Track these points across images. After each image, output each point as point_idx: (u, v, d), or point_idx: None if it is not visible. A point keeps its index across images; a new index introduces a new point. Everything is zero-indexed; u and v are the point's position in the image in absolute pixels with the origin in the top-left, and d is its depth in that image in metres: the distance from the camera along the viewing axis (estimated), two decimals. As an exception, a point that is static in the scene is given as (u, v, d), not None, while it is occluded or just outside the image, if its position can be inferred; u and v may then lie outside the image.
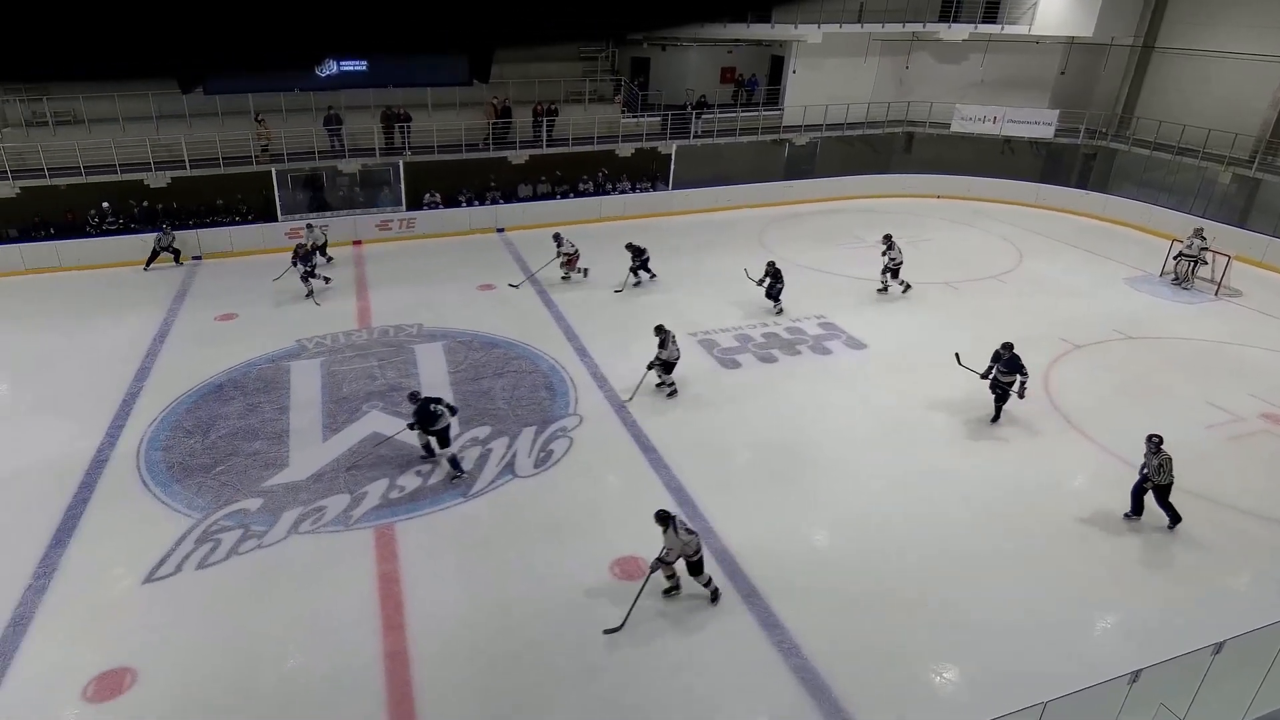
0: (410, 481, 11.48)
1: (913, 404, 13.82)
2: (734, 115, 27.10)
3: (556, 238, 19.53)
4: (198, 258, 21.48)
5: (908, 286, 19.07)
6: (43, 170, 20.58)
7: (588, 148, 25.22)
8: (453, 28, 1.50)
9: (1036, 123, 27.38)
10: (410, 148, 23.47)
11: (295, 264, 18.38)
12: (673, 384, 13.90)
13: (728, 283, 19.34)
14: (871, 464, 12.06)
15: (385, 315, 17.65)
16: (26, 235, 21.00)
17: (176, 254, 20.73)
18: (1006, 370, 12.68)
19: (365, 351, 15.79)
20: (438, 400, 11.47)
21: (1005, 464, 12.10)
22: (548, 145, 24.83)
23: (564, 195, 25.59)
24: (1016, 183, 27.92)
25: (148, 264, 20.38)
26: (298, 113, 23.48)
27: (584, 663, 8.40)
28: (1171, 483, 10.19)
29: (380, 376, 14.71)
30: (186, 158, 21.54)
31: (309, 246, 19.08)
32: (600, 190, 26.01)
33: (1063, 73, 28.34)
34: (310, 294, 18.27)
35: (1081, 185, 27.85)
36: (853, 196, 28.04)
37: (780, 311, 17.62)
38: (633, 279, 19.21)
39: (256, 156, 22.27)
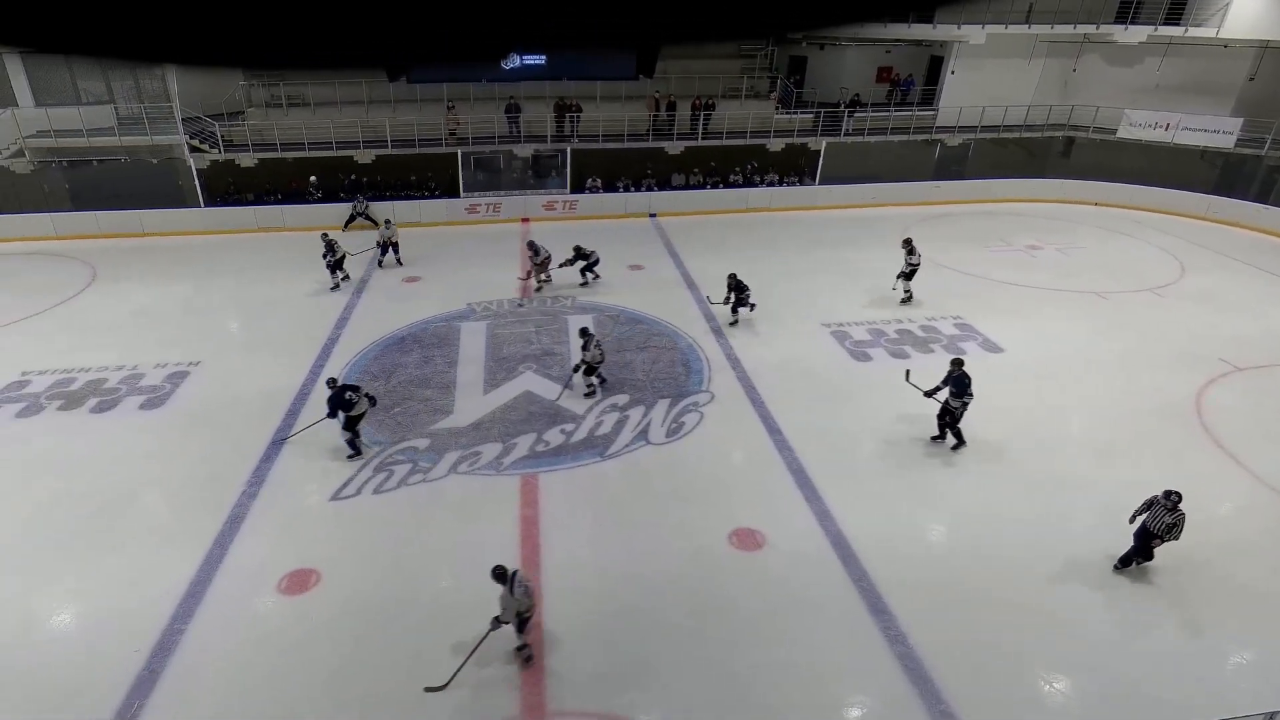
0: (555, 438, 11.92)
1: (1049, 411, 12.81)
2: (887, 114, 25.84)
3: (531, 245, 18.08)
4: (389, 221, 23.09)
5: (909, 296, 17.28)
6: (276, 145, 22.83)
7: (740, 141, 24.93)
8: (625, 26, 1.53)
9: (1216, 131, 24.23)
10: (578, 136, 24.11)
11: (381, 251, 19.46)
12: (592, 386, 13.21)
13: (866, 277, 18.62)
14: (998, 466, 11.31)
15: (546, 287, 18.30)
16: (259, 199, 23.37)
17: (374, 220, 22.42)
18: (956, 391, 11.29)
19: (525, 319, 16.47)
20: (355, 388, 11.13)
21: (1146, 481, 10.90)
22: (703, 138, 24.75)
23: (714, 186, 25.42)
24: (1184, 193, 24.88)
25: (345, 225, 22.19)
26: (483, 101, 24.63)
27: (697, 624, 8.47)
28: (1176, 540, 8.71)
29: (536, 342, 15.31)
30: (389, 138, 23.19)
31: (384, 240, 19.51)
32: (749, 182, 25.63)
33: (1251, 79, 24.93)
34: (336, 286, 18.06)
35: (1262, 199, 24.47)
36: (1003, 200, 26.11)
37: (734, 323, 15.98)
38: (580, 279, 18.26)
39: (446, 140, 23.63)
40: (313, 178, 23.38)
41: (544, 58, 23.60)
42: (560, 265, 18.07)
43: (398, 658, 8.00)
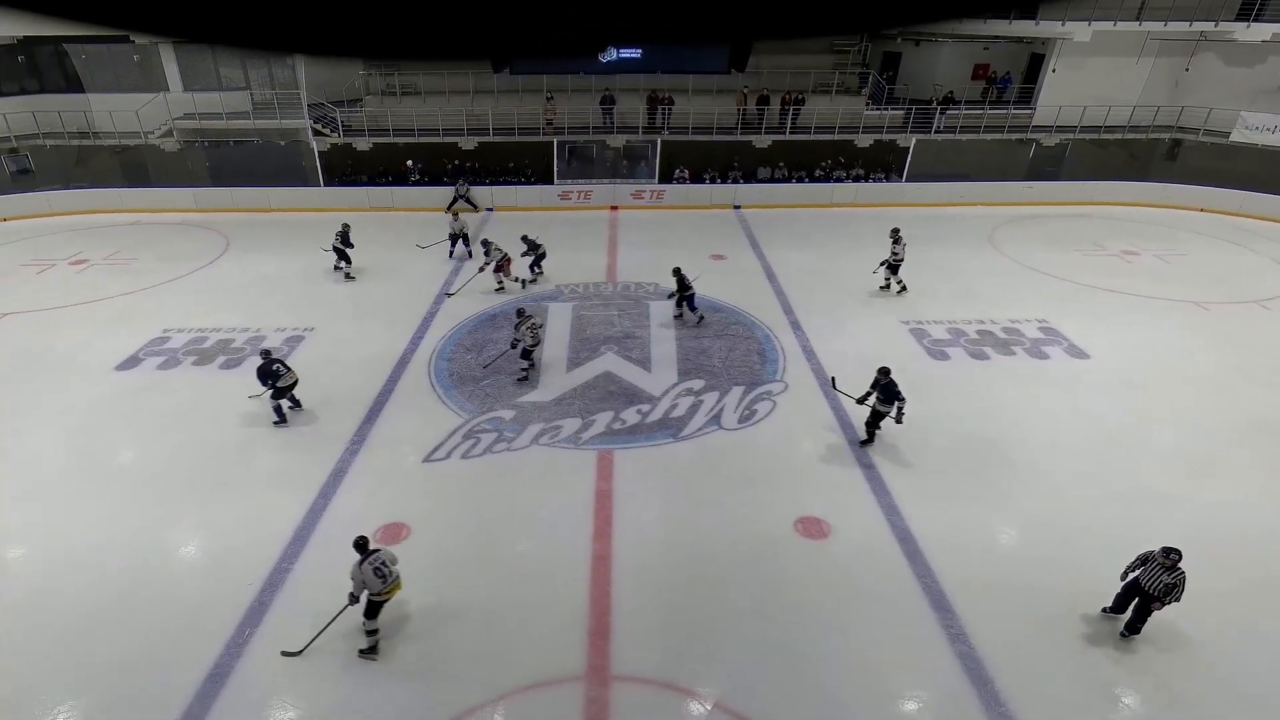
0: (631, 417, 12.02)
1: (1136, 421, 12.00)
2: (980, 112, 24.59)
3: (485, 244, 17.29)
4: (490, 209, 23.73)
5: (904, 288, 16.83)
6: (389, 130, 23.71)
7: (828, 136, 24.27)
8: (722, 22, 1.51)
9: (1347, 137, 21.99)
10: (669, 128, 24.01)
11: (451, 243, 19.41)
12: (524, 370, 13.04)
13: (948, 276, 17.90)
14: (1075, 474, 10.69)
15: (629, 272, 18.40)
16: (372, 180, 24.37)
17: (474, 204, 23.02)
18: (884, 399, 10.73)
19: (608, 302, 16.61)
20: (282, 361, 11.63)
21: (1239, 502, 10.09)
22: (791, 132, 24.23)
23: (800, 180, 24.87)
24: (1305, 202, 22.76)
25: (448, 208, 22.83)
26: (580, 93, 24.83)
27: (759, 604, 8.41)
28: (1177, 601, 7.51)
29: (618, 324, 15.43)
30: (491, 126, 23.71)
31: (456, 233, 19.52)
32: (835, 177, 24.93)
33: (1386, 81, 22.45)
34: (347, 276, 17.92)
35: (1396, 213, 22.06)
36: (1099, 202, 24.50)
37: (679, 316, 15.48)
38: (528, 275, 17.54)
39: (543, 129, 23.97)
40: (409, 162, 24.20)
41: (640, 52, 23.59)
42: (522, 254, 17.47)
43: (475, 612, 8.29)
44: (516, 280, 17.35)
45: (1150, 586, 7.53)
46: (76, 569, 8.85)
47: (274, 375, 11.38)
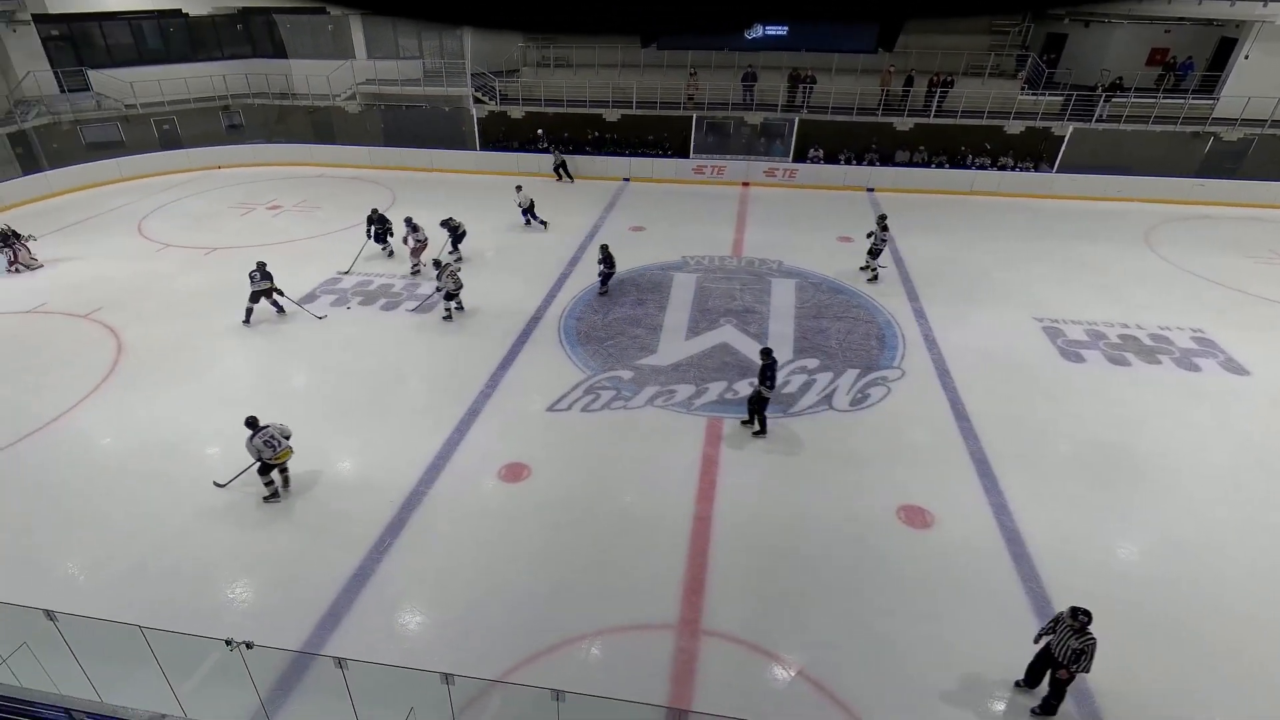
0: (744, 389, 11.92)
1: (1295, 449, 10.55)
2: (1152, 101, 21.85)
3: (408, 222, 16.54)
4: (627, 180, 23.95)
5: (875, 275, 16.00)
6: (540, 100, 24.35)
7: (975, 121, 22.48)
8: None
9: None
10: (808, 106, 23.13)
11: (528, 219, 19.24)
12: (449, 310, 14.07)
13: (1093, 274, 16.33)
14: (1218, 496, 9.56)
15: (754, 248, 18.07)
16: (523, 147, 25.18)
17: (569, 175, 23.58)
18: (769, 384, 10.47)
19: (731, 276, 16.43)
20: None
21: None
22: (935, 115, 22.65)
23: (940, 165, 23.29)
24: None
25: (559, 177, 23.52)
26: (723, 69, 24.36)
27: (852, 582, 8.21)
28: (1086, 671, 6.36)
29: (739, 299, 15.25)
30: (634, 99, 23.79)
31: (524, 205, 19.34)
32: (977, 165, 23.13)
33: None
34: (390, 252, 17.46)
35: None
36: (1284, 206, 21.36)
37: (605, 292, 15.16)
38: (454, 269, 15.71)
39: (684, 103, 23.76)
40: (540, 130, 24.81)
41: (786, 29, 22.75)
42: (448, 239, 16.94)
43: (584, 552, 8.63)
44: (423, 267, 16.33)
45: (1059, 653, 6.39)
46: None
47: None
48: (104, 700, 5.30)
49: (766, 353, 10.60)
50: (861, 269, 16.39)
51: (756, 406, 10.70)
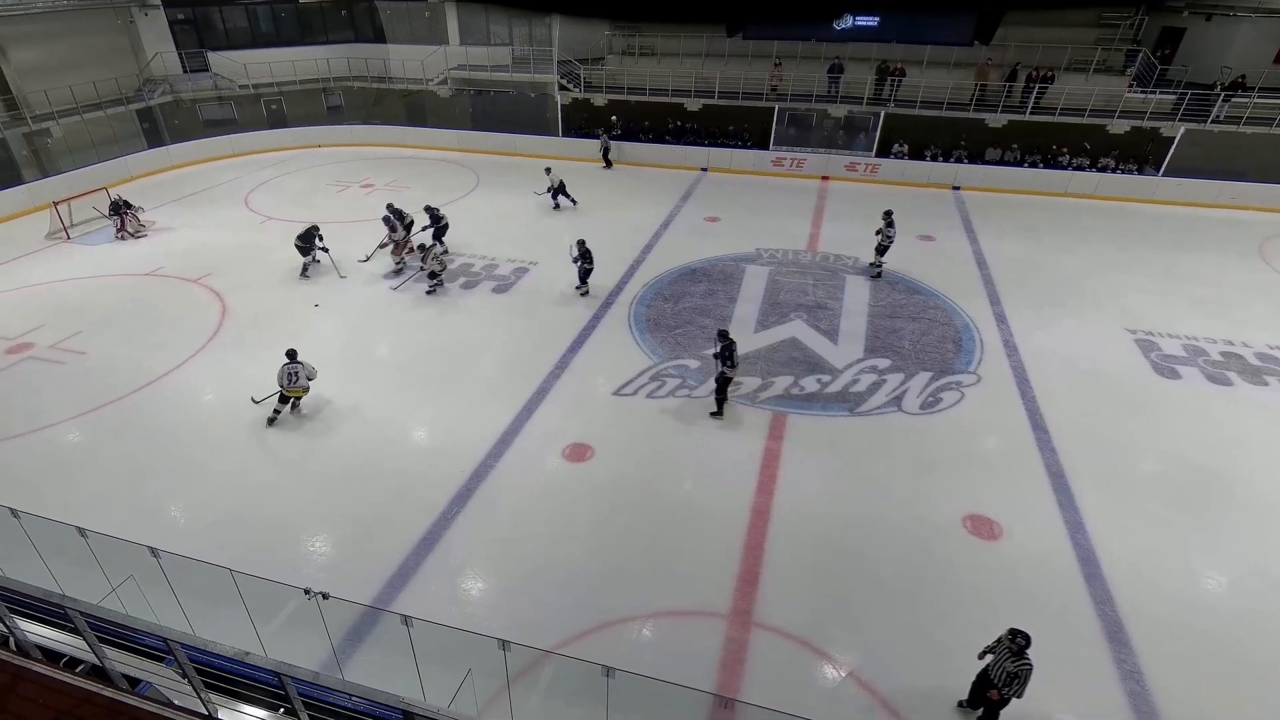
0: (810, 385, 11.70)
1: None
2: (1278, 102, 19.99)
3: (388, 221, 16.11)
4: (704, 169, 23.75)
5: (879, 274, 15.59)
6: (623, 88, 24.39)
7: (1075, 119, 21.15)
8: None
9: None
10: (895, 100, 22.30)
11: (554, 197, 19.51)
12: (432, 286, 14.62)
13: (1196, 285, 15.18)
14: (1321, 533, 8.79)
15: (830, 244, 17.64)
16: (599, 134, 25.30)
17: (609, 160, 23.73)
18: (730, 363, 10.59)
19: (805, 270, 16.09)
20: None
21: None
22: (1032, 112, 21.42)
23: (1033, 165, 22.06)
24: None
25: (607, 164, 23.78)
26: (808, 60, 23.76)
27: (910, 587, 7.99)
28: (1019, 697, 6.09)
29: (811, 294, 14.93)
30: (716, 89, 23.50)
31: (554, 187, 19.57)
32: (1074, 165, 21.77)
33: None
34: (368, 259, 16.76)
35: None
36: None
37: (585, 293, 14.66)
38: (438, 247, 15.76)
39: (766, 94, 23.32)
40: (613, 117, 24.85)
41: (877, 19, 22.01)
42: (424, 227, 16.69)
43: (640, 535, 8.71)
44: (411, 253, 16.09)
45: (995, 673, 6.17)
46: (338, 432, 10.52)
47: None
48: (196, 634, 5.73)
49: (724, 334, 10.70)
50: (872, 264, 15.93)
51: (722, 390, 10.81)
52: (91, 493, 9.31)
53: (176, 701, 5.90)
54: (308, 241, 15.42)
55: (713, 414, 10.90)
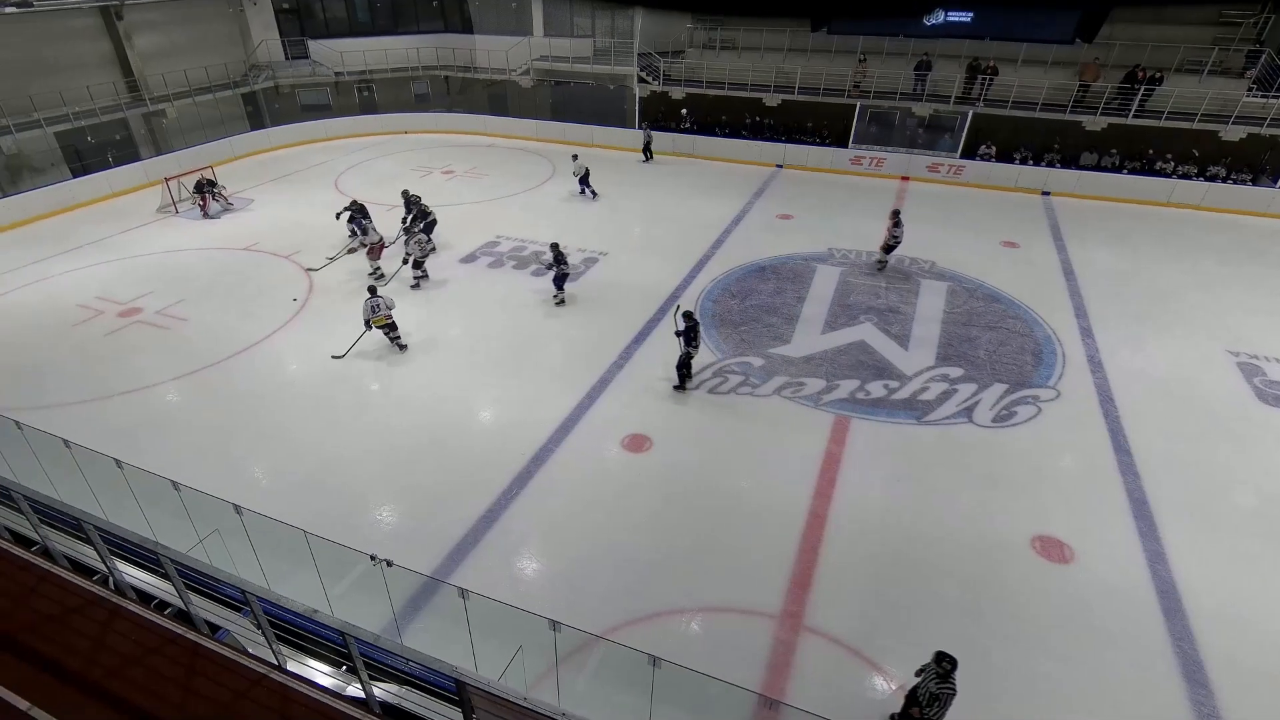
0: (876, 390, 11.39)
1: None
2: None
3: (355, 221, 15.90)
4: (780, 166, 23.34)
5: (883, 265, 15.52)
6: (702, 82, 24.19)
7: (1185, 124, 19.66)
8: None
9: None
10: (985, 100, 21.30)
11: (582, 185, 19.71)
12: (417, 279, 14.66)
13: (1313, 310, 13.93)
14: None
15: (906, 246, 16.95)
16: (676, 127, 25.20)
17: (649, 154, 23.62)
18: (694, 342, 10.99)
19: (878, 272, 15.63)
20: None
21: None
22: (1135, 115, 20.06)
23: (1133, 171, 20.70)
24: None
25: (647, 157, 23.75)
26: (895, 56, 22.97)
27: (971, 604, 7.69)
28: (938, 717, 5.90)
29: (883, 297, 14.50)
30: (797, 85, 23.02)
31: (578, 173, 19.71)
32: (1179, 173, 20.31)
33: None
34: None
35: None
36: None
37: (561, 301, 14.11)
38: (421, 238, 15.15)
39: (848, 91, 22.68)
40: (684, 110, 24.66)
41: (972, 15, 21.07)
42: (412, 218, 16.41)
43: (694, 529, 8.69)
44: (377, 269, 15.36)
45: (921, 693, 6.04)
46: (411, 409, 10.91)
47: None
48: (271, 588, 6.07)
49: (689, 315, 11.01)
50: (877, 261, 15.66)
51: (684, 367, 11.14)
52: (185, 449, 9.98)
53: (250, 650, 6.28)
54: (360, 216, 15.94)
55: (675, 387, 11.32)
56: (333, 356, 12.18)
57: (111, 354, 12.43)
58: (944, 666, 5.92)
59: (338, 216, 16.33)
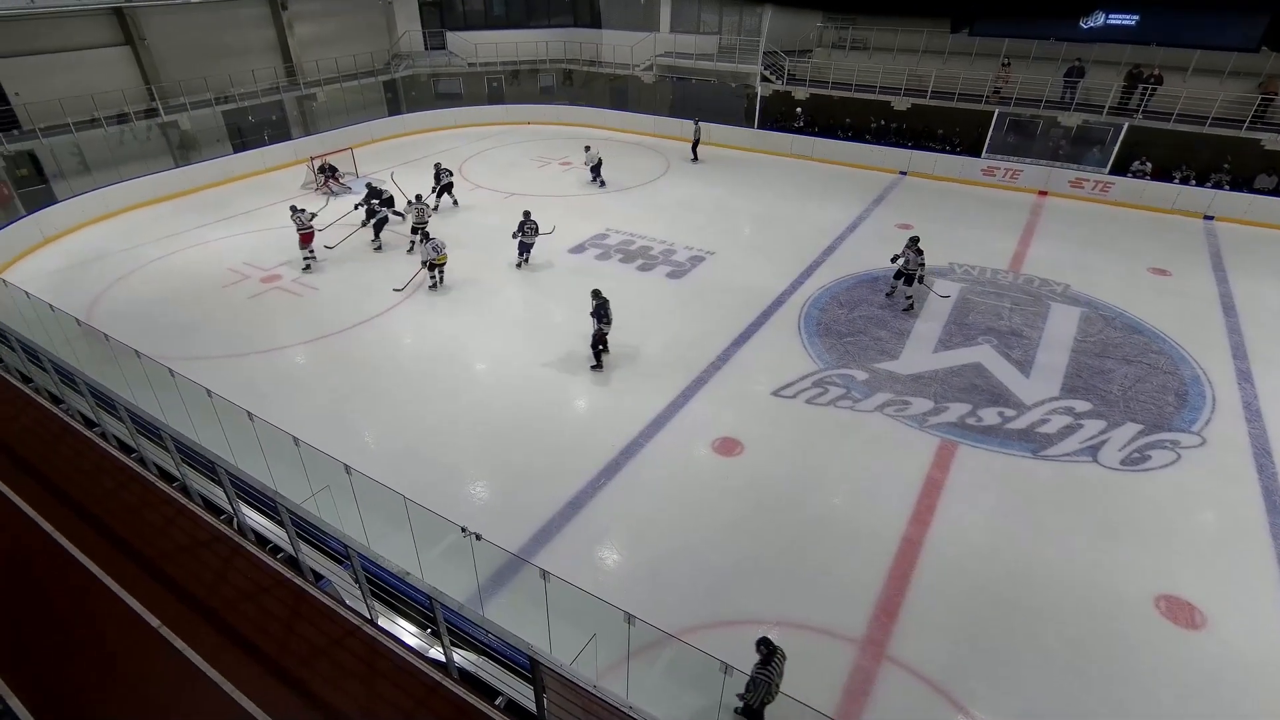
0: (990, 417, 10.70)
1: None
2: None
3: (369, 203, 16.89)
4: (903, 173, 22.35)
5: (893, 291, 14.02)
6: (827, 83, 23.53)
7: (1391, 147, 17.20)
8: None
9: None
10: (1144, 111, 19.45)
11: (594, 174, 20.26)
12: (412, 242, 15.75)
13: None
14: None
15: (1037, 266, 15.90)
16: (791, 128, 24.65)
17: (695, 153, 23.39)
18: (605, 318, 11.43)
19: (1002, 292, 14.66)
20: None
21: None
22: (1328, 135, 17.74)
23: (1319, 198, 18.30)
24: None
25: (695, 156, 23.53)
26: (1043, 61, 21.42)
27: (1074, 656, 7.08)
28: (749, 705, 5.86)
29: (1006, 318, 13.59)
30: (929, 89, 21.94)
31: (592, 164, 20.18)
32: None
33: None
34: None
35: None
36: None
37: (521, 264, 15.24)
38: (434, 201, 16.76)
39: (987, 96, 21.37)
40: (798, 109, 23.93)
41: (1137, 18, 19.33)
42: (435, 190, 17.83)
43: (780, 540, 8.51)
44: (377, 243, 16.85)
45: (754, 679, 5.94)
46: (508, 390, 11.32)
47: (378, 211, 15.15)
48: (370, 546, 6.49)
49: (597, 293, 11.61)
50: (888, 295, 14.15)
51: (598, 344, 11.62)
52: (307, 408, 10.82)
53: (347, 601, 6.74)
54: (386, 204, 16.92)
55: (593, 367, 11.78)
56: (394, 289, 14.28)
57: (253, 315, 13.67)
58: (762, 650, 6.03)
59: (356, 207, 17.03)
